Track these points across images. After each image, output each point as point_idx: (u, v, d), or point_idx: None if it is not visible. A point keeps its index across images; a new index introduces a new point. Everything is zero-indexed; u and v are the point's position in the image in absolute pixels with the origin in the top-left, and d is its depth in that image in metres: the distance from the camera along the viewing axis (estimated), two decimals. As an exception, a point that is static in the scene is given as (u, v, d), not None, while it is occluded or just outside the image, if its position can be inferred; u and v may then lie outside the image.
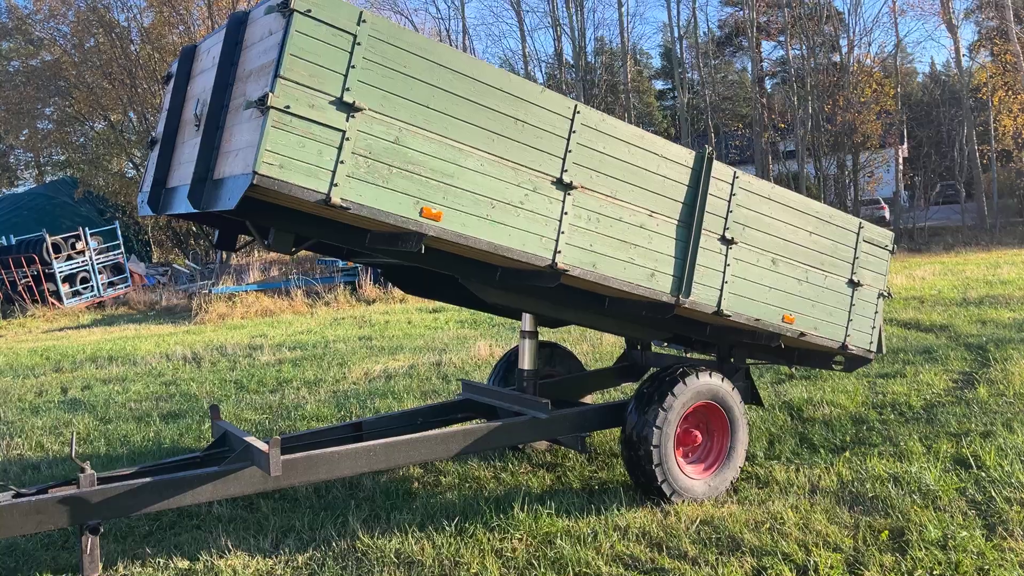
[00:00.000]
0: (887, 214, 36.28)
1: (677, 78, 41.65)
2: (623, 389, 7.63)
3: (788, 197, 5.48)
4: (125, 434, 7.49)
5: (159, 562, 4.51)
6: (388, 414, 5.83)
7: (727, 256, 5.09)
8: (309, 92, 3.57)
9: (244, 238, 5.21)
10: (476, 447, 4.93)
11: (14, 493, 4.05)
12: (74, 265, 24.23)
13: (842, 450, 5.99)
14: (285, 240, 4.31)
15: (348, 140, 3.68)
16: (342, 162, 3.66)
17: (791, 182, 33.97)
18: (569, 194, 4.39)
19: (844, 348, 5.87)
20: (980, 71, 38.05)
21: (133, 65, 32.00)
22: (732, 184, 5.11)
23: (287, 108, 3.51)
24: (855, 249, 5.86)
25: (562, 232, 4.37)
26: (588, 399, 6.80)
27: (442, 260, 4.53)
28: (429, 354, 11.16)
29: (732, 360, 5.98)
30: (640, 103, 48.59)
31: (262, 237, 4.40)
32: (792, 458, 5.87)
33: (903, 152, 42.85)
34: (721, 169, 5.06)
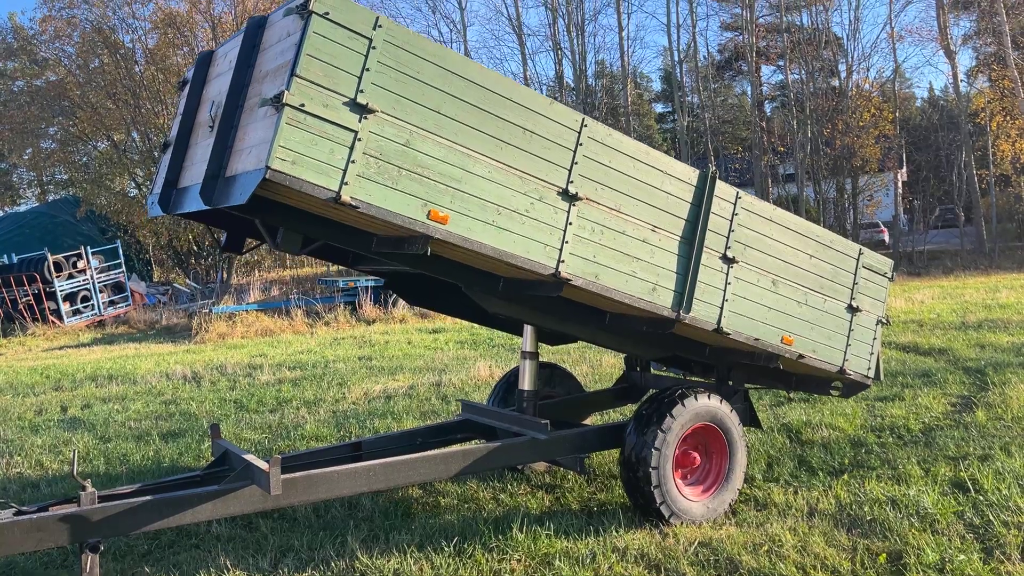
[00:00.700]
0: (886, 237, 36.40)
1: (677, 101, 41.92)
2: (622, 410, 7.65)
3: (789, 220, 5.54)
4: (125, 453, 7.49)
5: (158, 581, 4.52)
6: (388, 434, 5.85)
7: (728, 275, 5.14)
8: (324, 92, 3.64)
9: (252, 241, 5.25)
10: (475, 467, 4.94)
11: (15, 511, 4.06)
12: (75, 284, 24.30)
13: (840, 473, 6.00)
14: (294, 240, 4.37)
15: (360, 140, 3.74)
16: (353, 161, 3.73)
17: (790, 205, 34.04)
18: (574, 205, 4.45)
19: (842, 372, 5.89)
20: (978, 96, 38.28)
21: (137, 86, 32.22)
22: (735, 204, 5.17)
23: (302, 106, 3.58)
24: (855, 275, 5.90)
25: (566, 242, 4.42)
26: (587, 420, 6.81)
27: (446, 267, 4.58)
28: (429, 374, 11.17)
29: (731, 382, 6.00)
30: (640, 126, 48.79)
31: (271, 237, 4.45)
32: (791, 480, 5.88)
33: (902, 176, 43.03)
34: (724, 189, 5.12)
